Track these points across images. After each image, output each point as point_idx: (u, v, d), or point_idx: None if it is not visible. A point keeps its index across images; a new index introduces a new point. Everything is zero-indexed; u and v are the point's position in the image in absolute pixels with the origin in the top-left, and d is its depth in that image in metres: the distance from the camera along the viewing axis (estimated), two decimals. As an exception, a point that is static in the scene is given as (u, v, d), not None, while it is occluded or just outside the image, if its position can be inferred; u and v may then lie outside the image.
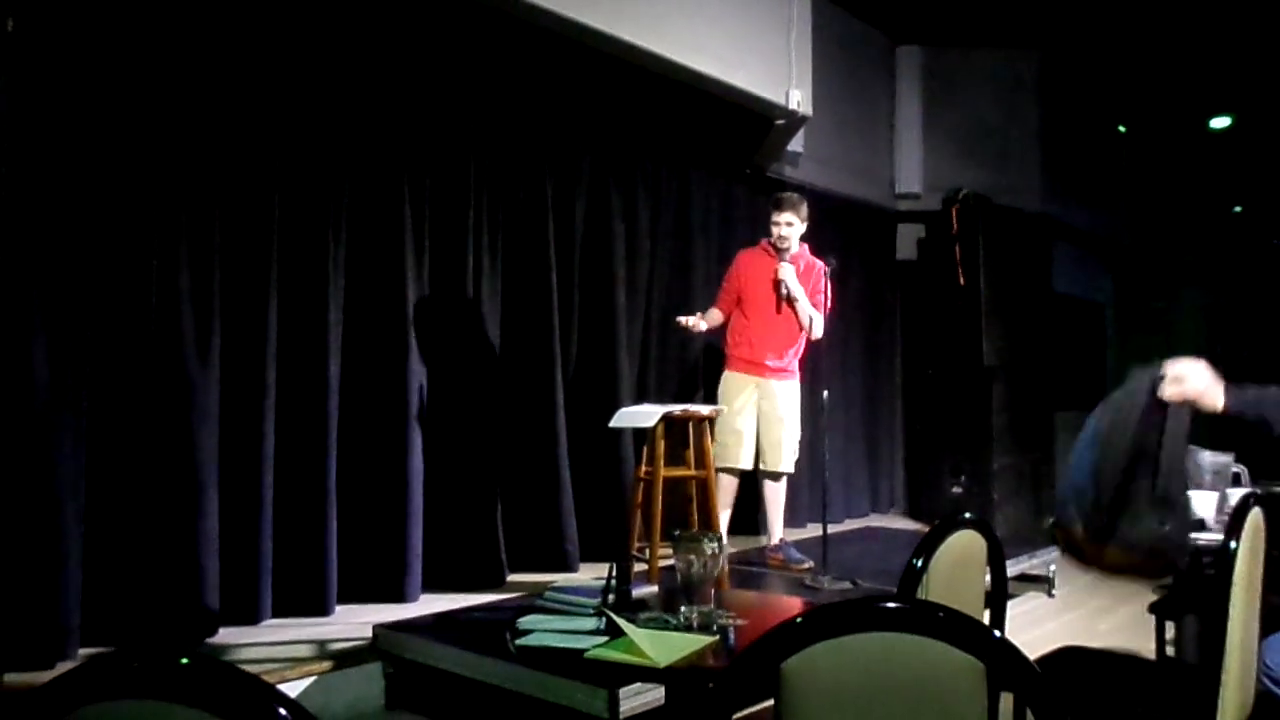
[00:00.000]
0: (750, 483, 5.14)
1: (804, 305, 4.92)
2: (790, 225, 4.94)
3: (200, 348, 3.71)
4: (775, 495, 5.08)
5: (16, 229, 3.07)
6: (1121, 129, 9.56)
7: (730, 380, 5.05)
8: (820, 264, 5.01)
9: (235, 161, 3.87)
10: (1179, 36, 7.73)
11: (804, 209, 5.01)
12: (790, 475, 5.12)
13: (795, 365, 5.09)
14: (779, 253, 4.96)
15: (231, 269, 3.85)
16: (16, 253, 3.10)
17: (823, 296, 4.94)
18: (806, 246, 5.10)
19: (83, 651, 3.34)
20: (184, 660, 0.96)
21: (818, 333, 4.99)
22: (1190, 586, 3.50)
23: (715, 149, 6.28)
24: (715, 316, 5.11)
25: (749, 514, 5.64)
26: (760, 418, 4.98)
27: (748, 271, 5.06)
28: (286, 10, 4.06)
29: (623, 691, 2.67)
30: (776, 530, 5.12)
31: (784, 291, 4.91)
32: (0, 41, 2.57)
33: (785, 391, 5.02)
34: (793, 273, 4.92)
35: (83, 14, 3.42)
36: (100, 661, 1.04)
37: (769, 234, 5.00)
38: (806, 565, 4.92)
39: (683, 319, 4.90)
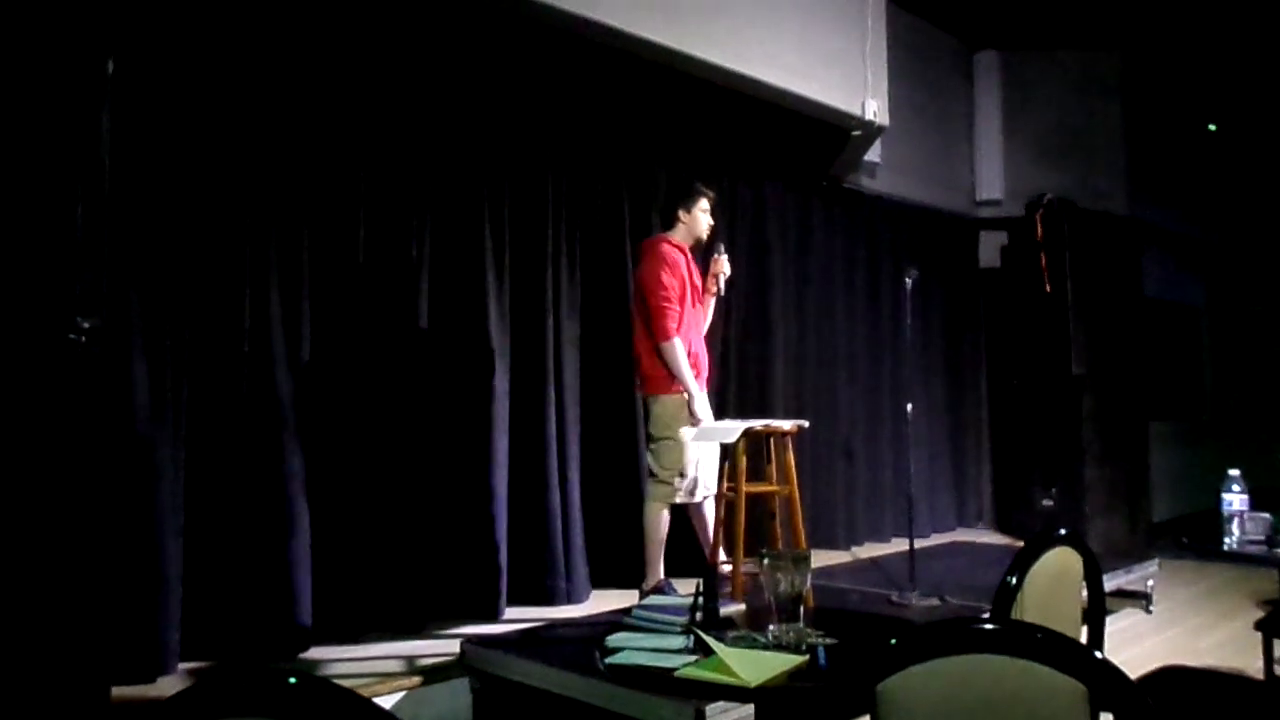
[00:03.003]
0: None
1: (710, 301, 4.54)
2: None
3: (292, 372, 3.83)
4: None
5: (119, 258, 3.20)
6: (1211, 127, 9.25)
7: (678, 404, 4.28)
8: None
9: (320, 188, 3.99)
10: (1267, 27, 7.46)
11: None
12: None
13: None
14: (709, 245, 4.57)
15: (319, 292, 3.97)
16: (119, 281, 3.23)
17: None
18: None
19: (182, 666, 3.46)
20: (291, 679, 0.99)
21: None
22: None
23: (791, 161, 6.25)
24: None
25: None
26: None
27: (686, 271, 4.36)
28: (365, 40, 4.16)
29: (709, 709, 2.66)
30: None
31: (718, 288, 4.51)
32: (102, 81, 2.69)
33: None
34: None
35: (177, 54, 3.57)
36: (211, 680, 1.07)
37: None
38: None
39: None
